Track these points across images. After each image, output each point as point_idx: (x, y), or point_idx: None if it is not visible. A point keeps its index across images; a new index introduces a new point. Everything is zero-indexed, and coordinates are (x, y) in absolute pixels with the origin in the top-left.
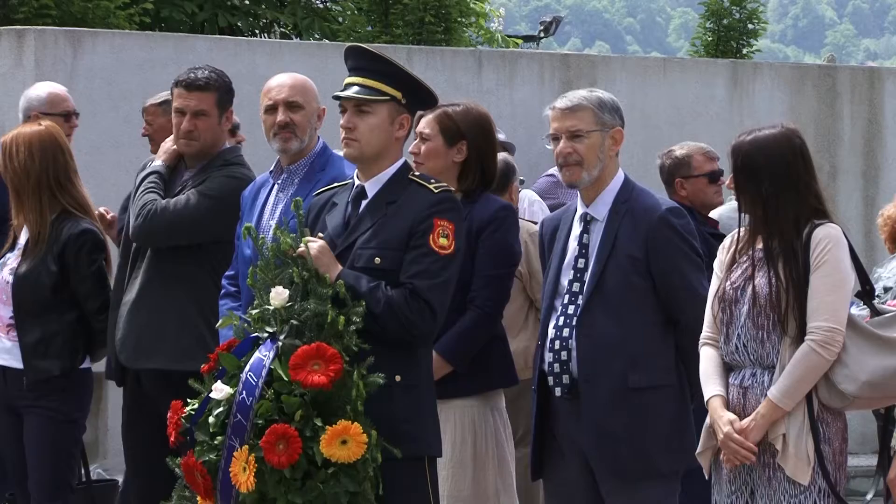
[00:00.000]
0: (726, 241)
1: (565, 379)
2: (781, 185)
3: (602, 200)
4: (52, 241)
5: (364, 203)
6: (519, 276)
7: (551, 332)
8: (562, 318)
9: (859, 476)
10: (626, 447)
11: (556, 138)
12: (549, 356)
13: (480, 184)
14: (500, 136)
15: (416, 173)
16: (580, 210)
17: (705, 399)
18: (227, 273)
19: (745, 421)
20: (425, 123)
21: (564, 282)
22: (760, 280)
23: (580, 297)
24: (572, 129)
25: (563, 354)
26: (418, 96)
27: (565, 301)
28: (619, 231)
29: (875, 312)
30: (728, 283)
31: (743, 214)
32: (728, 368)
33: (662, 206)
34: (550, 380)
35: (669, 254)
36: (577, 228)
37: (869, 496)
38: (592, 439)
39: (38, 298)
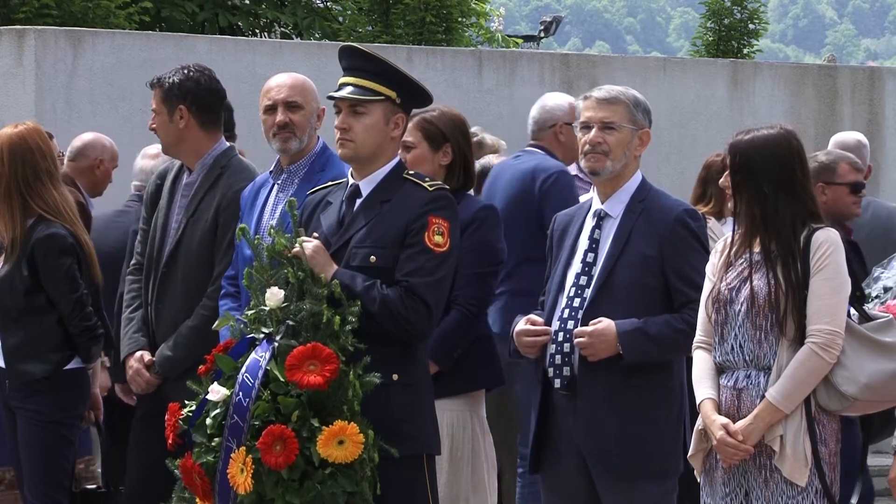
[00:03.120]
0: (718, 245)
1: (565, 371)
2: (778, 187)
3: (618, 198)
4: (24, 245)
5: (358, 201)
6: None
7: (555, 324)
8: (567, 311)
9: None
10: (621, 444)
11: (586, 127)
12: (551, 347)
13: (462, 185)
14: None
15: (411, 172)
16: (595, 206)
17: (697, 402)
18: (227, 274)
19: (742, 423)
20: (406, 132)
21: (571, 276)
22: (758, 281)
23: (587, 290)
24: (606, 119)
25: (566, 347)
26: (413, 95)
27: (571, 294)
28: (633, 229)
29: (866, 318)
30: (723, 283)
31: (739, 214)
32: (719, 371)
33: (680, 207)
34: (550, 371)
35: (684, 252)
36: (589, 223)
37: (854, 500)
38: (588, 435)
39: (15, 302)
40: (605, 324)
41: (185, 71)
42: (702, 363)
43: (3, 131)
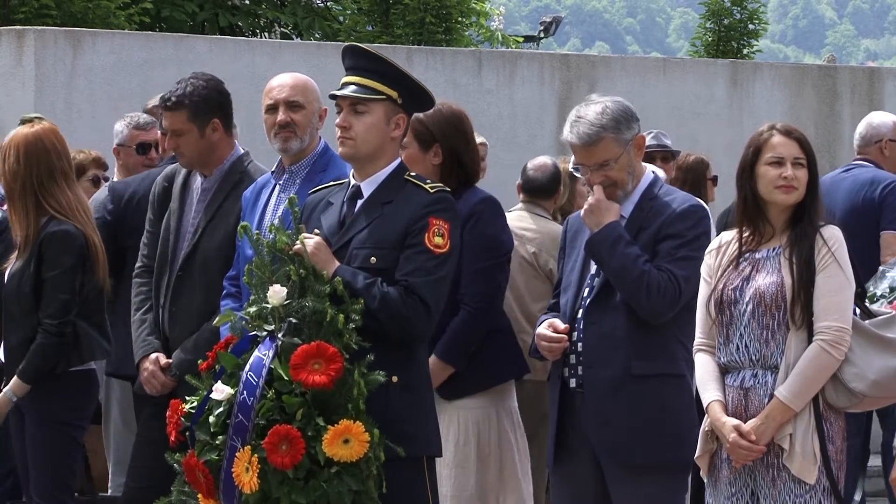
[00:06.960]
0: (713, 245)
1: (580, 370)
2: None
3: (629, 199)
4: (36, 243)
5: (359, 202)
6: None
7: (572, 323)
8: (580, 311)
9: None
10: (628, 435)
11: (583, 164)
12: (567, 347)
13: (462, 183)
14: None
15: (412, 174)
16: None
17: (704, 404)
18: (228, 274)
19: (753, 422)
20: None
21: (587, 277)
22: (764, 280)
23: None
24: (599, 161)
25: (579, 346)
26: (415, 96)
27: (584, 294)
28: (640, 226)
29: (868, 314)
30: (724, 284)
31: (741, 213)
32: (724, 371)
33: (687, 202)
34: (566, 371)
35: (677, 239)
36: None
37: (857, 497)
38: (594, 425)
39: (21, 301)
40: (615, 207)
41: (198, 83)
42: (705, 366)
43: (20, 130)
